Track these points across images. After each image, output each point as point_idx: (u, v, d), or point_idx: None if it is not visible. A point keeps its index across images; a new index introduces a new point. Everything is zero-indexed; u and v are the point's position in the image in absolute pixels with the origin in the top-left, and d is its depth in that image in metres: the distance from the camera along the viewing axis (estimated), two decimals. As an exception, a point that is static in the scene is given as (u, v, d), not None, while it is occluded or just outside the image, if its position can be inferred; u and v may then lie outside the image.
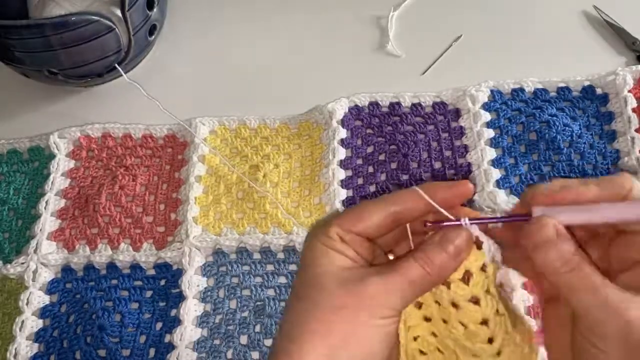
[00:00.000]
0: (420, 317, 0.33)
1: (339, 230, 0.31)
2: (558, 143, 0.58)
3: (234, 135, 0.63)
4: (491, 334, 0.31)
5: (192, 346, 0.52)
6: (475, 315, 0.31)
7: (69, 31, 0.57)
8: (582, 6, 0.69)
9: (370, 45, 0.69)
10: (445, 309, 0.32)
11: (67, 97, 0.69)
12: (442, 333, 0.32)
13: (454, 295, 0.31)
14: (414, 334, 0.33)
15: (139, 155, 0.62)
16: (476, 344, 0.31)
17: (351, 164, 0.60)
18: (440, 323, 0.32)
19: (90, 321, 0.53)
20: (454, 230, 0.31)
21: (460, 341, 0.31)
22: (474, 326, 0.31)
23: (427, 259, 0.30)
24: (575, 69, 0.62)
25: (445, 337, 0.32)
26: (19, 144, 0.64)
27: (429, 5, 0.72)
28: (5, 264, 0.56)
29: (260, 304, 0.53)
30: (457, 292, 0.31)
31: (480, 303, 0.31)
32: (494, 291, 0.32)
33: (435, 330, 0.32)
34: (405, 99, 0.62)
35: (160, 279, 0.56)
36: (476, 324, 0.31)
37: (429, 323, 0.33)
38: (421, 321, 0.33)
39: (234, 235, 0.56)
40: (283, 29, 0.72)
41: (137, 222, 0.58)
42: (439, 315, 0.32)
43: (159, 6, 0.65)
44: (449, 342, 0.32)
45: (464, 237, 0.31)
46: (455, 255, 0.30)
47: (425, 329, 0.33)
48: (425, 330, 0.33)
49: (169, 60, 0.71)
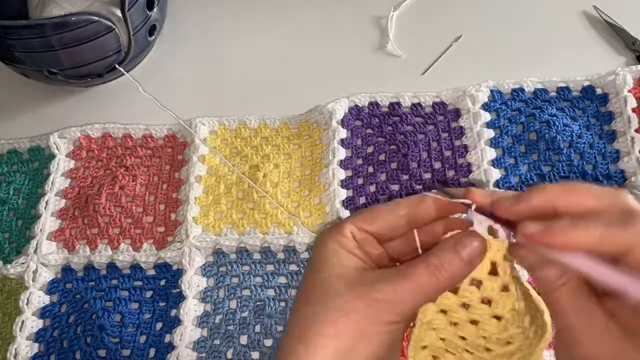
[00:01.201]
0: (446, 322, 0.32)
1: (352, 228, 0.32)
2: (558, 143, 0.58)
3: (234, 135, 0.63)
4: (522, 317, 0.31)
5: (192, 346, 0.52)
6: (509, 302, 0.31)
7: (69, 31, 0.57)
8: (582, 6, 0.69)
9: (370, 45, 0.69)
10: (476, 309, 0.31)
11: (67, 97, 0.69)
12: (473, 334, 0.32)
13: (487, 290, 0.31)
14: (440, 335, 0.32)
15: (139, 155, 0.62)
16: (511, 330, 0.31)
17: (351, 164, 0.60)
18: (468, 326, 0.32)
19: (90, 321, 0.53)
20: (468, 236, 0.30)
21: (494, 336, 0.31)
22: (509, 314, 0.31)
23: (439, 265, 0.30)
24: (575, 69, 0.62)
25: (477, 338, 0.32)
26: (19, 144, 0.64)
27: (429, 5, 0.72)
28: (5, 264, 0.56)
29: (260, 304, 0.53)
30: (490, 286, 0.31)
31: (510, 289, 0.31)
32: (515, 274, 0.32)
33: (462, 333, 0.32)
34: (405, 99, 0.62)
35: (160, 279, 0.56)
36: (511, 311, 0.31)
37: (455, 327, 0.32)
38: (447, 325, 0.32)
39: (234, 235, 0.56)
40: (283, 29, 0.72)
41: (137, 222, 0.58)
42: (466, 318, 0.32)
43: (159, 6, 0.65)
44: (480, 342, 0.32)
45: (480, 241, 0.30)
46: (469, 262, 0.30)
47: (452, 332, 0.32)
48: (451, 334, 0.33)
49: (169, 60, 0.71)
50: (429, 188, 0.57)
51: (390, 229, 0.32)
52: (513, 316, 0.31)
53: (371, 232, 0.32)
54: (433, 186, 0.57)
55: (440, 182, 0.31)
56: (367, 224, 0.32)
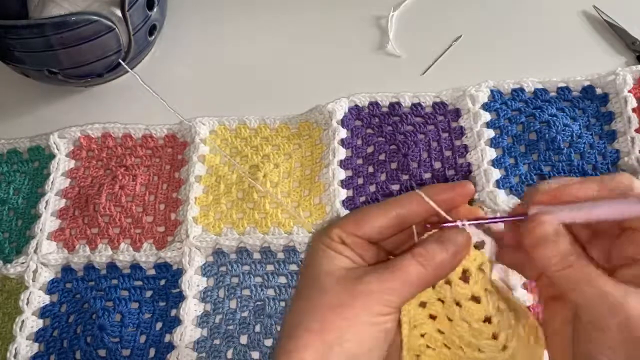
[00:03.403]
0: (426, 316, 0.33)
1: (339, 232, 0.32)
2: (558, 143, 0.58)
3: (234, 135, 0.63)
4: (495, 330, 0.31)
5: (192, 346, 0.52)
6: (477, 313, 0.31)
7: (69, 31, 0.57)
8: (582, 6, 0.69)
9: (370, 45, 0.69)
10: (450, 307, 0.32)
11: (67, 97, 0.69)
12: (448, 330, 0.32)
13: (455, 294, 0.31)
14: (420, 331, 0.33)
15: (139, 155, 0.62)
16: (481, 341, 0.32)
17: (351, 164, 0.60)
18: (445, 321, 0.33)
19: (90, 321, 0.53)
20: (454, 229, 0.31)
21: (465, 338, 0.32)
22: (477, 324, 0.31)
23: (426, 256, 0.30)
24: (575, 69, 0.62)
25: (451, 334, 0.32)
26: (19, 144, 0.64)
27: (429, 5, 0.72)
28: (5, 264, 0.56)
29: (260, 304, 0.53)
30: (458, 291, 0.31)
31: (481, 301, 0.31)
32: (494, 288, 0.32)
33: (440, 327, 0.33)
34: (405, 99, 0.62)
35: (160, 278, 0.56)
36: (479, 321, 0.31)
37: (434, 321, 0.33)
38: (427, 319, 0.33)
39: (234, 235, 0.56)
40: (283, 29, 0.72)
41: (137, 222, 0.58)
42: (443, 313, 0.33)
43: (159, 6, 0.65)
44: (454, 339, 0.32)
45: (465, 236, 0.31)
46: (455, 254, 0.31)
47: (431, 326, 0.33)
48: (431, 328, 0.33)
49: (169, 60, 0.71)
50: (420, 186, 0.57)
51: (380, 232, 0.32)
52: (482, 327, 0.31)
53: (359, 235, 0.32)
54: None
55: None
56: (353, 228, 0.32)
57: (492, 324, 0.31)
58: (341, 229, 0.32)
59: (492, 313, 0.31)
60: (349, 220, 0.32)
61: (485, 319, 0.31)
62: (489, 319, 0.31)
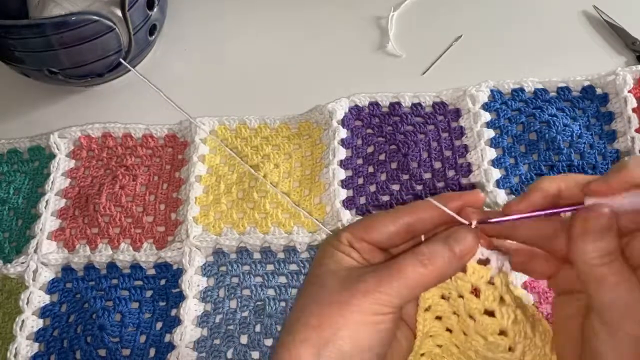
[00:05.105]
0: (442, 328, 0.33)
1: (349, 237, 0.32)
2: (558, 143, 0.58)
3: (234, 135, 0.63)
4: (511, 343, 0.31)
5: (192, 346, 0.52)
6: (492, 327, 0.31)
7: (69, 31, 0.57)
8: (582, 6, 0.69)
9: (370, 45, 0.69)
10: (464, 322, 0.32)
11: (67, 97, 0.69)
12: (464, 345, 0.32)
13: (468, 308, 0.31)
14: (437, 342, 0.33)
15: (139, 155, 0.62)
16: (497, 354, 0.31)
17: (351, 164, 0.60)
18: (461, 335, 0.32)
19: (90, 321, 0.53)
20: (460, 229, 0.31)
21: (481, 352, 0.32)
22: (492, 337, 0.31)
23: (427, 255, 0.30)
24: (575, 69, 0.62)
25: (467, 349, 0.32)
26: (19, 144, 0.64)
27: (429, 5, 0.72)
28: (6, 264, 0.56)
29: (260, 304, 0.53)
30: (470, 305, 0.31)
31: (496, 315, 0.31)
32: (510, 299, 0.32)
33: (457, 342, 0.33)
34: (405, 99, 0.62)
35: (161, 278, 0.56)
36: (494, 335, 0.31)
37: (450, 334, 0.33)
38: (444, 332, 0.33)
39: (234, 235, 0.56)
40: (283, 29, 0.72)
41: (137, 222, 0.58)
42: (458, 327, 0.32)
43: (159, 6, 0.65)
44: (471, 353, 0.32)
45: (470, 236, 0.31)
46: (459, 253, 0.30)
47: (448, 339, 0.33)
48: (447, 340, 0.33)
49: (169, 60, 0.71)
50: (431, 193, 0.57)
51: (389, 239, 0.32)
52: (497, 340, 0.31)
53: (368, 241, 0.32)
54: (434, 189, 0.58)
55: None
56: (363, 233, 0.32)
57: (509, 337, 0.31)
58: (351, 234, 0.32)
59: (508, 326, 0.31)
60: (359, 226, 0.33)
61: (500, 332, 0.31)
62: (504, 332, 0.31)
